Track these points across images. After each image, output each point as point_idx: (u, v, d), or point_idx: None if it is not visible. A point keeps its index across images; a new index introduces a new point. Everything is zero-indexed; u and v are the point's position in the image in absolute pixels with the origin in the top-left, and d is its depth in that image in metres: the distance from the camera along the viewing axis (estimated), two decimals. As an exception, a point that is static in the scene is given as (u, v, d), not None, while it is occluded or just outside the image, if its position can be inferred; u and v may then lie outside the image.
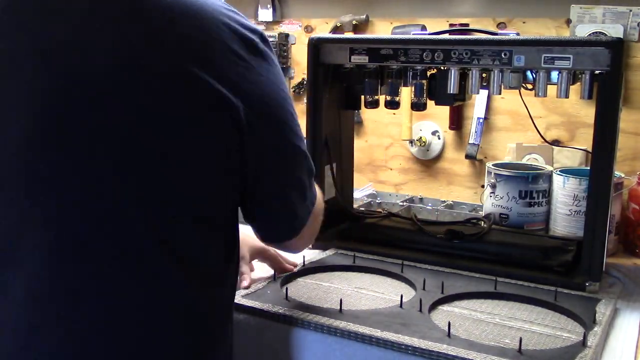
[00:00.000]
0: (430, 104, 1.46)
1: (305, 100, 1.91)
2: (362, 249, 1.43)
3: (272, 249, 1.29)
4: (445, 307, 1.17)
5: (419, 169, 1.98)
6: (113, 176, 0.82)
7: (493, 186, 1.58)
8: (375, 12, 1.98)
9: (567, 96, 1.27)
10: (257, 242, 1.22)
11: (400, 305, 1.14)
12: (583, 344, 1.01)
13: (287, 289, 1.19)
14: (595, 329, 1.06)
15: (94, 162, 0.81)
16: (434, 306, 1.16)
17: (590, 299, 1.20)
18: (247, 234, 1.23)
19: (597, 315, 1.11)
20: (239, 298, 1.15)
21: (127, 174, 0.82)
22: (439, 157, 1.94)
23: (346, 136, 1.62)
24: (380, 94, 1.48)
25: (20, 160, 0.83)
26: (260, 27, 2.14)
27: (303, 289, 1.24)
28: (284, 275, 1.29)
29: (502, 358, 0.95)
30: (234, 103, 0.85)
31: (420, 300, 1.15)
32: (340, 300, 1.14)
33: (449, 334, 1.02)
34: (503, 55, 1.28)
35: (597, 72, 1.23)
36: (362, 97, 1.53)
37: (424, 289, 1.22)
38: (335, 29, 2.01)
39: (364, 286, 1.27)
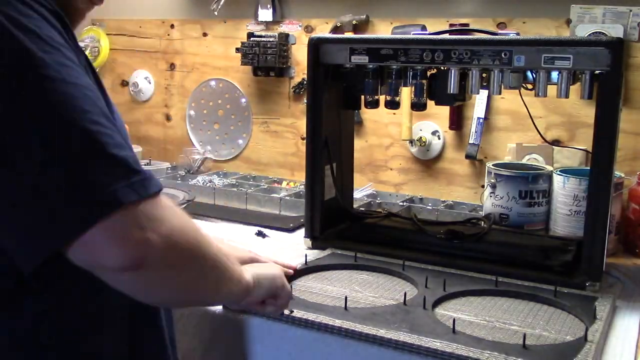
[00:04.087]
0: (430, 104, 1.46)
1: (305, 100, 1.91)
2: (362, 249, 1.43)
3: (263, 257, 1.23)
4: (448, 304, 1.18)
5: (419, 169, 1.98)
6: None
7: (493, 186, 1.58)
8: (375, 12, 1.98)
9: (567, 96, 1.27)
10: (245, 253, 1.19)
11: (404, 303, 1.15)
12: (585, 339, 1.01)
13: (291, 287, 1.19)
14: (596, 325, 1.07)
15: None
16: (437, 303, 1.17)
17: (589, 297, 1.20)
18: (233, 246, 1.22)
19: (596, 311, 1.12)
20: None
21: None
22: (439, 157, 1.94)
23: (346, 136, 1.62)
24: (380, 94, 1.48)
25: None
26: (260, 27, 2.15)
27: (306, 288, 1.24)
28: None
29: (508, 355, 0.96)
30: None
31: (424, 298, 1.15)
32: (345, 298, 1.14)
33: (454, 331, 1.03)
34: (503, 55, 1.28)
35: (597, 72, 1.23)
36: (362, 97, 1.53)
37: (426, 286, 1.23)
38: (335, 29, 2.01)
39: (366, 284, 1.27)
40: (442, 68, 1.38)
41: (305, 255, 1.37)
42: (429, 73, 1.42)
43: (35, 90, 0.68)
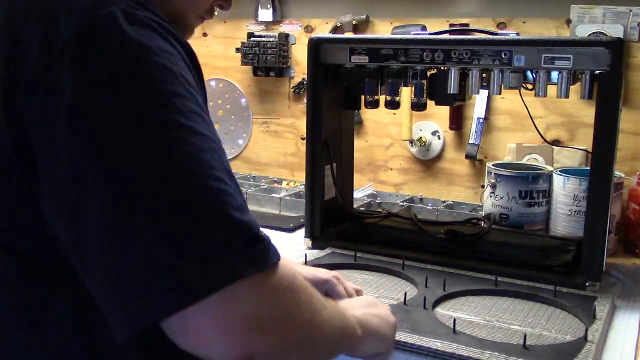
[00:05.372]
0: (430, 104, 1.46)
1: (305, 100, 1.91)
2: (362, 248, 1.43)
3: (336, 281, 1.07)
4: (448, 304, 1.18)
5: (419, 169, 1.98)
6: None
7: (493, 186, 1.58)
8: (375, 12, 1.98)
9: (567, 96, 1.27)
10: (317, 273, 1.07)
11: (405, 302, 1.15)
12: (585, 339, 1.01)
13: None
14: (596, 324, 1.07)
15: None
16: (437, 303, 1.17)
17: (589, 297, 1.20)
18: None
19: (596, 311, 1.12)
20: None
21: None
22: (439, 157, 1.94)
23: (346, 136, 1.62)
24: (380, 94, 1.48)
25: None
26: (263, 27, 2.15)
27: None
28: None
29: (509, 355, 0.96)
30: None
31: (424, 298, 1.15)
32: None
33: (454, 331, 1.03)
34: (503, 55, 1.28)
35: (597, 72, 1.23)
36: (362, 97, 1.53)
37: (426, 286, 1.23)
38: (335, 29, 2.01)
39: (366, 283, 1.27)
40: (442, 68, 1.38)
41: (305, 255, 1.37)
42: (429, 73, 1.41)
43: (161, 137, 0.61)
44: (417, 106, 1.45)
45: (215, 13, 0.92)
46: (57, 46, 0.61)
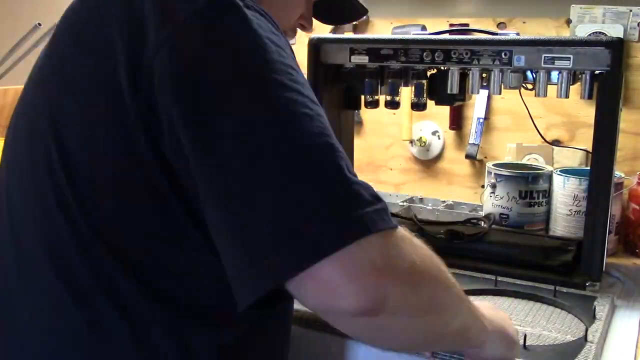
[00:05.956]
0: (430, 104, 1.46)
1: (305, 100, 1.91)
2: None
3: None
4: None
5: (419, 169, 1.98)
6: None
7: (493, 186, 1.58)
8: (375, 12, 1.98)
9: (567, 96, 1.27)
10: None
11: None
12: (585, 339, 1.01)
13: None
14: (596, 324, 1.07)
15: None
16: None
17: (589, 297, 1.20)
18: None
19: (596, 311, 1.12)
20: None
21: None
22: (439, 157, 1.94)
23: (346, 136, 1.62)
24: (380, 94, 1.48)
25: None
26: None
27: None
28: None
29: None
30: None
31: None
32: None
33: None
34: (503, 55, 1.28)
35: (597, 72, 1.23)
36: (362, 97, 1.53)
37: None
38: (335, 29, 2.01)
39: None
40: (442, 68, 1.38)
41: None
42: (429, 73, 1.42)
43: (277, 100, 0.63)
44: (417, 106, 1.45)
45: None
46: (180, 17, 0.64)
